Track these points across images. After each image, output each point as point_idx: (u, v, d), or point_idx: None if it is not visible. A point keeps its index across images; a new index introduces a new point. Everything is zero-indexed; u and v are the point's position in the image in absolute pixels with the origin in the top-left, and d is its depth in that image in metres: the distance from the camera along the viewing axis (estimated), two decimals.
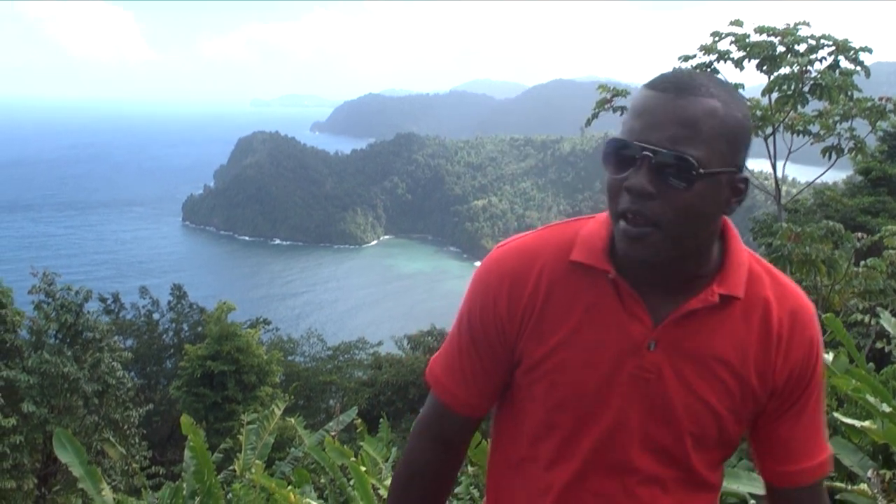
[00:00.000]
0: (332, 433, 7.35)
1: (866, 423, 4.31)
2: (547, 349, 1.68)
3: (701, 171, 1.47)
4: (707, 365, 1.63)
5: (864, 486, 4.36)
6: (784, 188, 19.75)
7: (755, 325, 1.64)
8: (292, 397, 19.73)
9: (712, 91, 1.50)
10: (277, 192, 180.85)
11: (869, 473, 4.34)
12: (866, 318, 11.95)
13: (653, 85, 1.52)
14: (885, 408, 4.50)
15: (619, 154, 1.52)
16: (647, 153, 1.48)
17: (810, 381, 1.69)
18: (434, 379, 1.87)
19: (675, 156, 1.46)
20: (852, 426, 4.55)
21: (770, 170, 16.14)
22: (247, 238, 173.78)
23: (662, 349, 1.62)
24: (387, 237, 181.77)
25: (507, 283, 1.71)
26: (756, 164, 18.68)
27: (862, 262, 13.06)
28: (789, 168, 16.17)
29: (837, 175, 29.44)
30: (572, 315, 1.66)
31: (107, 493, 6.16)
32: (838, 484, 4.47)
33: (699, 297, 1.61)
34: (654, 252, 1.53)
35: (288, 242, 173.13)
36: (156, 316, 33.52)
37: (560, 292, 1.67)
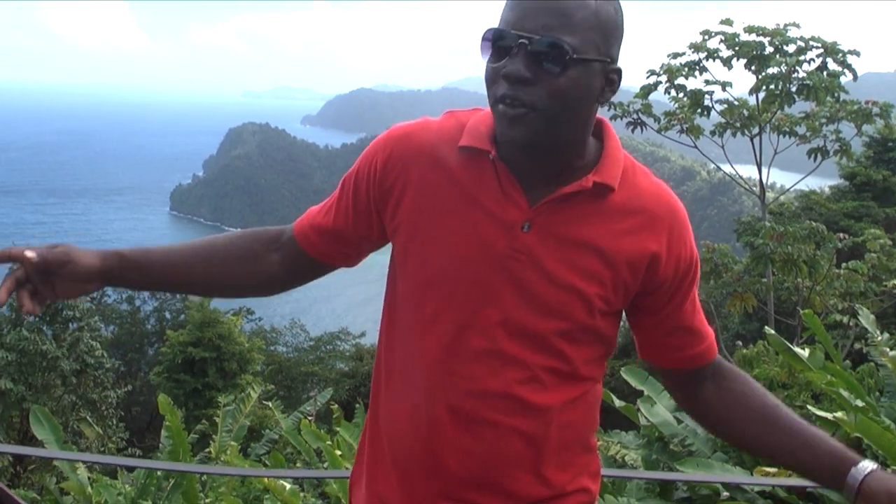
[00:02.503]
0: (310, 417, 7.36)
1: (839, 414, 4.32)
2: (423, 223, 1.73)
3: (574, 56, 1.55)
4: (579, 251, 1.67)
5: None
6: (771, 194, 19.82)
7: (631, 221, 1.69)
8: (272, 387, 19.72)
9: None
10: (266, 185, 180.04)
11: None
12: (846, 319, 12.02)
13: None
14: (859, 402, 4.52)
15: (497, 44, 1.59)
16: (523, 41, 1.55)
17: (694, 275, 1.78)
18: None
19: (549, 42, 1.54)
20: (825, 419, 4.55)
21: (757, 175, 16.22)
22: (234, 229, 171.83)
23: (536, 232, 1.66)
24: None
25: (392, 148, 1.77)
26: (743, 170, 18.72)
27: (843, 265, 13.13)
28: (776, 174, 16.23)
29: (824, 182, 29.54)
30: (453, 192, 1.71)
31: (82, 472, 6.15)
32: None
33: (574, 184, 1.66)
34: (531, 133, 1.59)
35: None
36: (137, 303, 33.45)
37: (445, 169, 1.72)
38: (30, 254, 1.74)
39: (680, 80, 15.08)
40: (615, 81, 1.66)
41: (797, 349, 5.35)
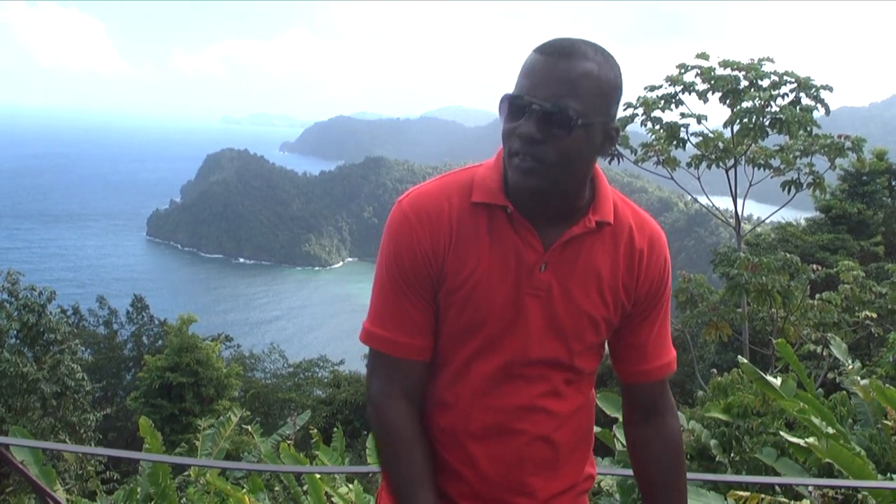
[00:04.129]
0: (289, 440, 7.38)
1: (811, 440, 4.42)
2: (463, 276, 1.95)
3: (579, 121, 1.78)
4: (588, 281, 1.97)
5: (806, 503, 4.46)
6: (747, 226, 20.00)
7: (622, 247, 2.00)
8: (248, 413, 19.62)
9: (589, 55, 1.81)
10: (244, 211, 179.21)
11: (810, 488, 4.44)
12: (819, 349, 12.14)
13: (541, 49, 1.83)
14: (830, 430, 4.61)
15: (513, 106, 1.83)
16: (535, 106, 1.78)
17: (663, 293, 2.08)
18: (377, 338, 2.03)
19: (557, 108, 1.77)
20: (798, 445, 4.64)
21: (732, 207, 16.36)
22: (210, 255, 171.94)
23: (552, 270, 1.95)
24: (351, 260, 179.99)
25: (426, 222, 1.96)
26: (720, 201, 18.88)
27: (817, 295, 13.26)
28: (752, 206, 16.38)
29: (800, 214, 29.77)
30: (480, 246, 1.94)
31: (61, 494, 6.15)
32: (782, 499, 4.57)
33: (580, 224, 1.94)
34: (541, 183, 1.83)
35: (252, 262, 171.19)
36: (115, 327, 33.18)
37: (468, 228, 1.95)
38: None
39: (656, 113, 15.25)
40: (614, 137, 1.89)
41: (770, 378, 5.45)
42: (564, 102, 1.77)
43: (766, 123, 14.13)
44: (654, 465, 2.16)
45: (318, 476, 5.75)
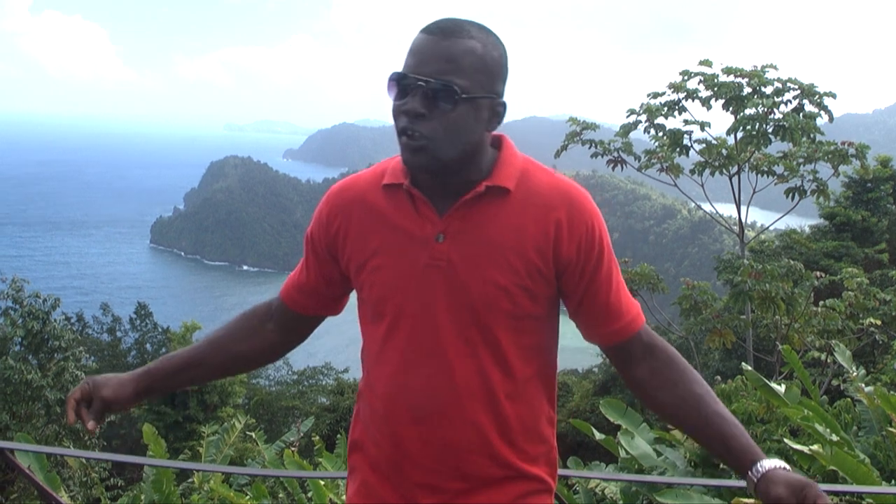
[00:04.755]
0: (293, 448, 7.38)
1: (815, 447, 4.41)
2: (367, 255, 2.05)
3: (463, 95, 1.85)
4: (489, 248, 1.96)
5: None
6: (751, 233, 20.00)
7: (530, 211, 1.97)
8: (253, 420, 19.66)
9: (472, 34, 1.89)
10: (247, 218, 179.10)
11: None
12: (823, 356, 12.12)
13: (425, 29, 1.90)
14: (834, 437, 4.60)
15: (399, 85, 1.90)
16: (420, 83, 1.86)
17: (601, 253, 2.01)
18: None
19: (441, 84, 1.84)
20: (802, 452, 4.63)
21: (736, 214, 16.35)
22: (214, 263, 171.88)
23: (449, 240, 1.96)
24: None
25: (331, 203, 2.14)
26: (723, 208, 18.87)
27: (821, 303, 13.23)
28: (755, 213, 16.35)
29: (804, 221, 29.73)
30: (382, 225, 2.03)
31: (66, 500, 6.16)
32: None
33: (471, 192, 1.96)
34: (429, 160, 1.90)
35: (256, 269, 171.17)
36: (119, 334, 33.22)
37: (373, 209, 2.05)
38: (71, 416, 2.18)
39: (659, 120, 15.24)
40: (500, 113, 1.97)
41: (774, 385, 5.44)
42: (448, 78, 1.84)
43: (770, 130, 14.09)
44: (675, 385, 2.08)
45: (321, 482, 5.76)
